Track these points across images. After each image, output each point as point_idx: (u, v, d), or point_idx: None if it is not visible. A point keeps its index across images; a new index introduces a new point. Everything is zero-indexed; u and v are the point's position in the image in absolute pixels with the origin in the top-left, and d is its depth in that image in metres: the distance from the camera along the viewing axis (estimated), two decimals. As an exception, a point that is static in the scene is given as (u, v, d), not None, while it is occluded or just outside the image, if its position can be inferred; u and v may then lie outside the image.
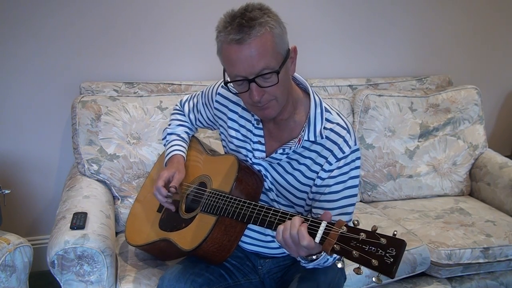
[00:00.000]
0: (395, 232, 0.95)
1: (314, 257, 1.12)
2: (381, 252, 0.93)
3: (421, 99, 2.34)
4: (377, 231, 0.96)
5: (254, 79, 1.14)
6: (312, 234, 1.04)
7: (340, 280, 1.40)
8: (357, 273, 0.97)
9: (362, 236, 0.96)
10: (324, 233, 1.03)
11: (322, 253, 1.12)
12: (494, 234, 1.93)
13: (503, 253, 1.89)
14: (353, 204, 1.31)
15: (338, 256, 1.07)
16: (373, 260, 0.93)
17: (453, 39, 2.64)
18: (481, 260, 1.87)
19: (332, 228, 1.02)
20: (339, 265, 1.00)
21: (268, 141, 1.35)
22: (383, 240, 0.94)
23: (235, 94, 1.25)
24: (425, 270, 1.85)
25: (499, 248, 1.88)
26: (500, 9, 2.68)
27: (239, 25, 1.11)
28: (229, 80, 1.20)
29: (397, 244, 0.93)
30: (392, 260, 0.91)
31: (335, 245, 0.99)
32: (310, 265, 1.18)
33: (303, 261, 1.18)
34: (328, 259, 1.18)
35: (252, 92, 1.16)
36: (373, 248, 0.94)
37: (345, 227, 1.00)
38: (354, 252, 0.96)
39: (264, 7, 1.16)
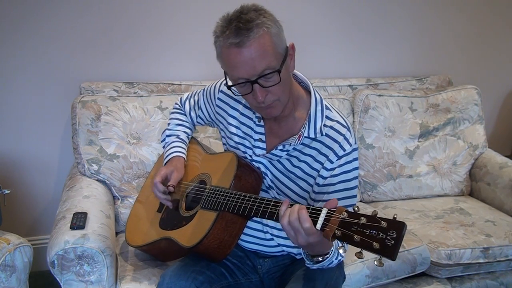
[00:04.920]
0: (395, 216, 0.96)
1: (320, 258, 1.15)
2: (382, 235, 0.93)
3: (421, 99, 2.34)
4: (377, 215, 0.97)
5: (257, 80, 1.15)
6: (313, 221, 1.05)
7: (338, 280, 1.40)
8: (358, 258, 0.97)
9: (363, 220, 0.97)
10: (325, 219, 1.03)
11: (329, 255, 1.14)
12: (494, 234, 1.93)
13: (503, 253, 1.89)
14: (354, 205, 1.31)
15: (342, 258, 1.08)
16: (374, 243, 0.93)
17: (453, 39, 2.64)
18: (481, 260, 1.87)
19: (333, 214, 1.03)
20: (341, 251, 1.00)
21: (268, 138, 1.35)
22: (384, 223, 0.94)
23: (237, 96, 1.26)
24: (425, 270, 1.85)
25: (499, 248, 1.88)
26: (500, 10, 2.67)
27: (237, 28, 1.12)
28: (231, 84, 1.21)
29: (397, 227, 0.93)
30: (393, 242, 0.92)
31: (336, 231, 0.99)
32: (315, 266, 1.19)
33: (308, 261, 1.19)
34: (332, 261, 1.19)
35: (255, 93, 1.17)
36: (374, 231, 0.95)
37: (345, 213, 1.01)
38: (355, 237, 0.96)
39: (258, 7, 1.16)
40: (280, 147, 1.31)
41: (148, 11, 2.14)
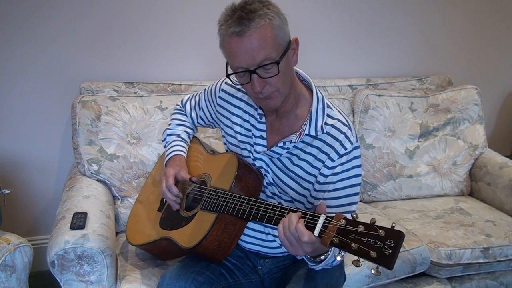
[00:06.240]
0: (394, 224, 0.96)
1: (322, 257, 1.14)
2: (379, 244, 0.93)
3: (421, 99, 2.34)
4: (375, 224, 0.96)
5: (255, 70, 1.16)
6: (311, 228, 1.04)
7: (339, 280, 1.40)
8: (356, 266, 0.97)
9: (361, 228, 0.96)
10: (323, 226, 1.03)
11: (329, 252, 1.13)
12: (494, 234, 1.93)
13: (503, 253, 1.89)
14: (356, 203, 1.31)
15: (344, 254, 1.08)
16: (372, 252, 0.93)
17: (453, 39, 2.64)
18: (481, 260, 1.87)
19: (331, 221, 1.02)
20: (338, 258, 1.00)
21: (269, 135, 1.36)
22: (382, 232, 0.94)
23: (237, 85, 1.26)
24: (425, 270, 1.85)
25: (499, 248, 1.88)
26: (500, 9, 2.68)
27: (239, 17, 1.13)
28: (231, 72, 1.22)
29: (395, 236, 0.93)
30: (390, 251, 0.92)
31: (333, 238, 0.99)
32: (319, 267, 1.18)
33: (311, 264, 1.18)
34: (335, 258, 1.19)
35: (253, 83, 1.18)
36: (371, 240, 0.94)
37: (343, 220, 1.00)
38: (352, 245, 0.96)
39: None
40: (281, 144, 1.31)
41: (148, 11, 2.14)
